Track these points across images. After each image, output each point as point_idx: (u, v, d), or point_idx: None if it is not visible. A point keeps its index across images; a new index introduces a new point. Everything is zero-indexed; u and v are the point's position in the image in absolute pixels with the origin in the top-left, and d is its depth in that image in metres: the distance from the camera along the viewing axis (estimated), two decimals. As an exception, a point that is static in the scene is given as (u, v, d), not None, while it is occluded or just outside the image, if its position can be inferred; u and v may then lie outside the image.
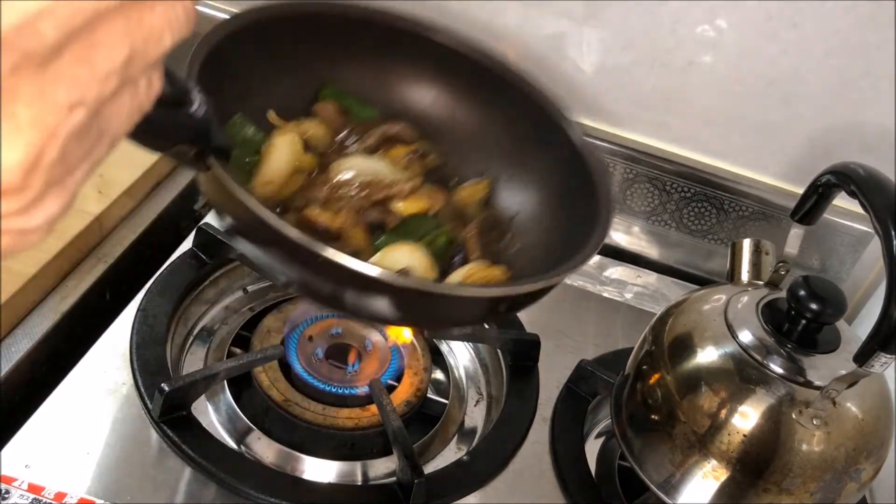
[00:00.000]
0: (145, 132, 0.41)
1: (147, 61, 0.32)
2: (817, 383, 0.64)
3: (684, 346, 0.70)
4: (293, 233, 0.47)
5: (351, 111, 0.68)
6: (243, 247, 0.53)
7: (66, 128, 0.29)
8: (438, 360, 0.88)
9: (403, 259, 0.61)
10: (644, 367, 0.73)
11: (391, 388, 0.79)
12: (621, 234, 1.06)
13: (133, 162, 0.92)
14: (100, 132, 0.32)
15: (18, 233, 0.30)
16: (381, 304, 0.52)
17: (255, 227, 0.49)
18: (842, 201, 0.68)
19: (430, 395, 0.83)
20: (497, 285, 0.59)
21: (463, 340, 0.90)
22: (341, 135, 0.66)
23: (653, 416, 0.70)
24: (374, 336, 0.83)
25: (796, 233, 0.72)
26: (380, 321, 0.75)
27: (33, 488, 0.64)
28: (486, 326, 0.87)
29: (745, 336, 0.67)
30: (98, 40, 0.29)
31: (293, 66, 0.64)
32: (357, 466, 0.75)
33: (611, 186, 0.62)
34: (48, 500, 0.64)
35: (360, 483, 0.74)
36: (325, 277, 0.51)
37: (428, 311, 0.56)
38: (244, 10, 0.59)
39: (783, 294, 0.69)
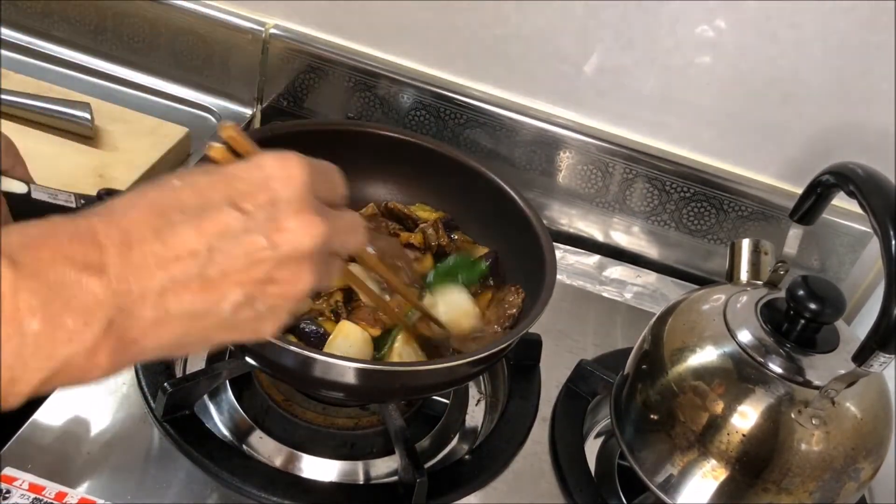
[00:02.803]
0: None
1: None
2: (816, 383, 0.64)
3: (684, 345, 0.70)
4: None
5: None
6: None
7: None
8: (438, 359, 0.88)
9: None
10: (643, 366, 0.73)
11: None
12: (621, 234, 1.06)
13: (133, 163, 0.93)
14: None
15: None
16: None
17: None
18: (841, 201, 0.68)
19: (432, 396, 0.83)
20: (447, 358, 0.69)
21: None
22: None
23: (652, 416, 0.70)
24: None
25: (795, 233, 0.72)
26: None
27: (34, 488, 0.64)
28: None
29: (745, 336, 0.67)
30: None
31: None
32: (358, 466, 0.75)
33: (553, 249, 0.75)
34: (48, 500, 0.64)
35: (361, 482, 0.74)
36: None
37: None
38: (251, 130, 0.68)
39: (782, 294, 0.69)
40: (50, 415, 0.70)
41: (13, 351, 0.36)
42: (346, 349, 0.69)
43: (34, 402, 0.71)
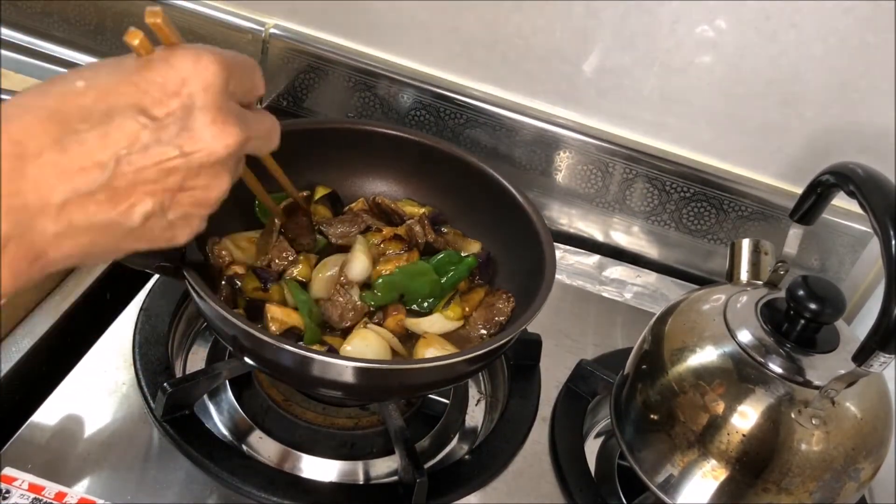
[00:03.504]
0: (132, 254, 0.50)
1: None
2: (816, 383, 0.64)
3: (684, 345, 0.70)
4: (244, 325, 0.61)
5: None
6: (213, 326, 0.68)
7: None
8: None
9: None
10: (643, 366, 0.73)
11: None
12: (621, 234, 1.06)
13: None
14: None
15: None
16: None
17: (223, 325, 0.64)
18: (841, 201, 0.68)
19: (431, 395, 0.83)
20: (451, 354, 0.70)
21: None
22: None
23: (652, 416, 0.70)
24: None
25: (795, 233, 0.72)
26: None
27: (33, 488, 0.64)
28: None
29: (745, 336, 0.67)
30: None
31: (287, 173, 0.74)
32: (358, 466, 0.75)
33: (553, 247, 0.76)
34: (48, 500, 0.64)
35: (361, 482, 0.74)
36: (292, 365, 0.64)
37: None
38: None
39: (782, 294, 0.69)
40: (49, 415, 0.70)
41: None
42: (361, 351, 0.70)
43: (34, 403, 0.71)
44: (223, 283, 0.72)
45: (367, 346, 0.70)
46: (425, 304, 0.77)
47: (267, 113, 0.47)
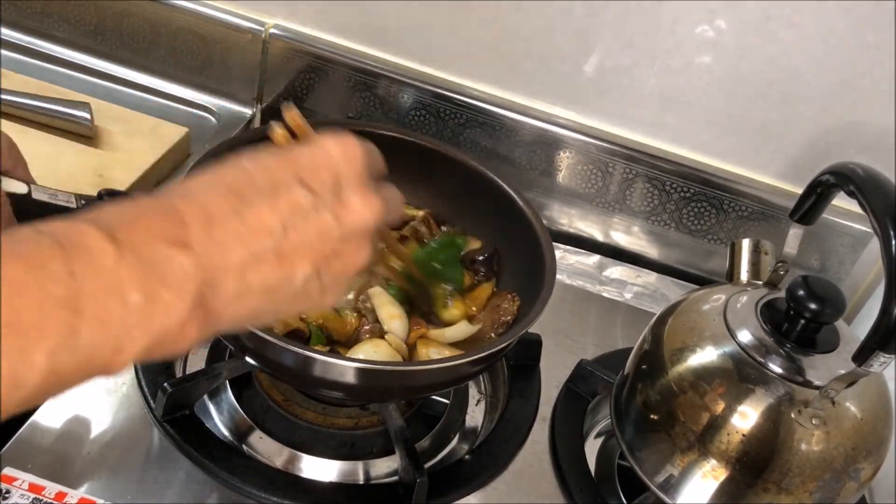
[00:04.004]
0: None
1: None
2: (816, 383, 0.64)
3: (684, 345, 0.70)
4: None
5: None
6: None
7: None
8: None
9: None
10: (643, 366, 0.73)
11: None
12: (621, 234, 1.06)
13: (133, 163, 0.93)
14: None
15: None
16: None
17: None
18: (841, 201, 0.68)
19: (431, 395, 0.83)
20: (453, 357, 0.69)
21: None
22: None
23: (652, 416, 0.70)
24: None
25: (795, 233, 0.72)
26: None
27: (34, 488, 0.64)
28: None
29: (745, 336, 0.67)
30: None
31: None
32: (359, 466, 0.75)
33: (552, 248, 0.76)
34: (48, 500, 0.64)
35: (361, 482, 0.74)
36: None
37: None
38: (248, 131, 0.69)
39: (782, 294, 0.69)
40: (50, 415, 0.70)
41: (118, 322, 0.38)
42: (370, 356, 0.70)
43: (34, 402, 0.71)
44: None
45: (375, 351, 0.71)
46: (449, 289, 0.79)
47: (390, 185, 0.53)
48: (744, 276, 0.75)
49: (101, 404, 0.72)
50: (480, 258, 0.82)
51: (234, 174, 0.45)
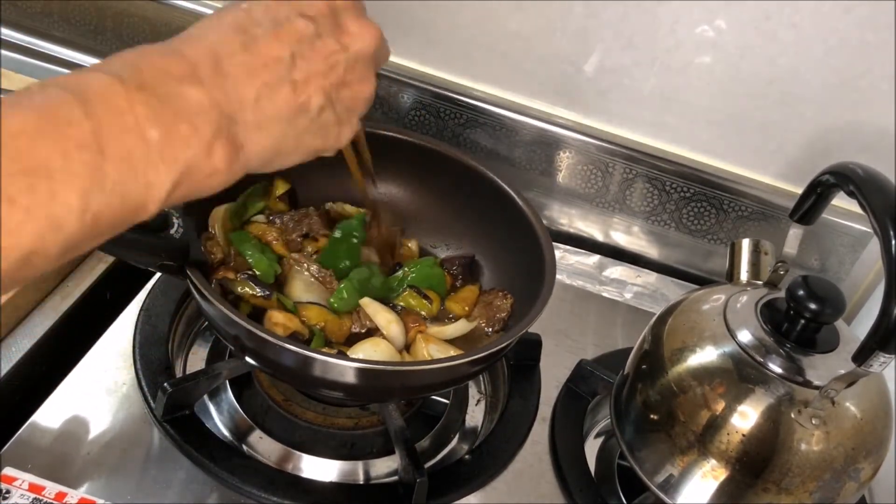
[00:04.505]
0: (135, 251, 0.53)
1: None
2: (816, 383, 0.64)
3: (684, 345, 0.70)
4: (248, 325, 0.61)
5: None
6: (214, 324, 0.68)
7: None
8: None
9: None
10: (643, 366, 0.73)
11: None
12: (621, 234, 1.06)
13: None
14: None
15: None
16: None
17: (225, 325, 0.65)
18: (841, 201, 0.68)
19: (431, 395, 0.83)
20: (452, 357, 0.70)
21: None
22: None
23: (652, 416, 0.70)
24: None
25: (795, 233, 0.72)
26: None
27: (33, 488, 0.64)
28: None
29: (745, 336, 0.67)
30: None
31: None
32: (359, 466, 0.75)
33: (552, 248, 0.76)
34: (48, 500, 0.64)
35: (361, 482, 0.74)
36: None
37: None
38: None
39: (782, 294, 0.69)
40: (50, 415, 0.70)
41: (142, 158, 0.39)
42: (370, 355, 0.70)
43: (34, 403, 0.71)
44: (212, 284, 0.72)
45: (375, 350, 0.71)
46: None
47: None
48: (744, 276, 0.75)
49: (101, 404, 0.72)
50: (458, 263, 0.83)
51: (234, 14, 0.47)
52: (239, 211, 0.77)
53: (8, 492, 0.64)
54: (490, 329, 0.77)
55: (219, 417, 0.76)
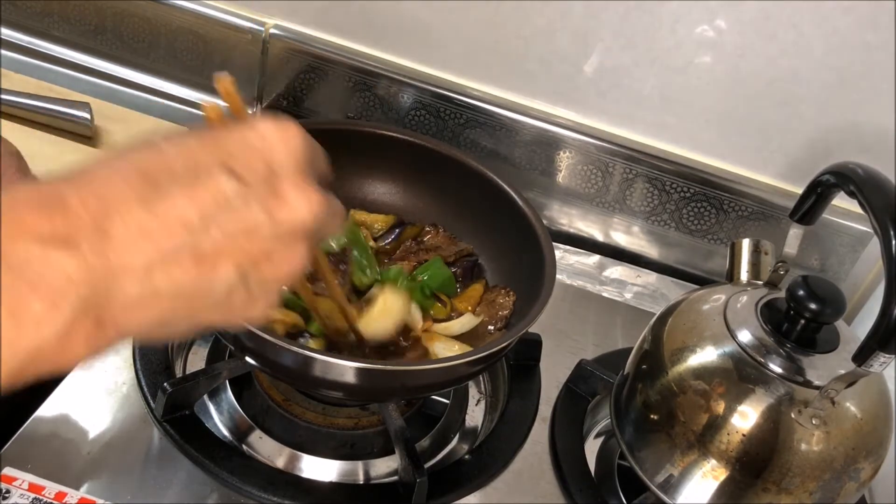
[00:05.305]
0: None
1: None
2: (816, 383, 0.64)
3: (684, 345, 0.70)
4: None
5: None
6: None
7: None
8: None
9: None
10: (643, 366, 0.73)
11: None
12: (621, 234, 1.06)
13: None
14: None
15: None
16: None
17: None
18: (841, 201, 0.68)
19: (431, 395, 0.83)
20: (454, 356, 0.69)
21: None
22: None
23: (652, 416, 0.70)
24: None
25: (795, 233, 0.72)
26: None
27: (33, 488, 0.64)
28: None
29: (745, 336, 0.67)
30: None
31: None
32: (358, 466, 0.75)
33: (552, 248, 0.76)
34: (48, 500, 0.64)
35: (361, 482, 0.74)
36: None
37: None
38: None
39: (782, 294, 0.69)
40: (50, 415, 0.70)
41: None
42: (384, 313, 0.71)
43: (35, 402, 0.71)
44: None
45: (394, 297, 0.72)
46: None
47: (332, 195, 0.44)
48: (744, 276, 0.75)
49: (101, 404, 0.72)
50: (461, 264, 0.83)
51: (148, 156, 0.37)
52: None
53: (8, 492, 0.64)
54: (493, 326, 0.77)
55: (219, 417, 0.76)
